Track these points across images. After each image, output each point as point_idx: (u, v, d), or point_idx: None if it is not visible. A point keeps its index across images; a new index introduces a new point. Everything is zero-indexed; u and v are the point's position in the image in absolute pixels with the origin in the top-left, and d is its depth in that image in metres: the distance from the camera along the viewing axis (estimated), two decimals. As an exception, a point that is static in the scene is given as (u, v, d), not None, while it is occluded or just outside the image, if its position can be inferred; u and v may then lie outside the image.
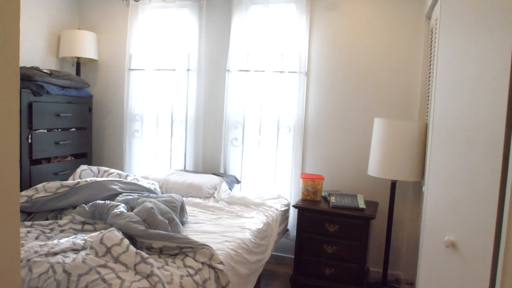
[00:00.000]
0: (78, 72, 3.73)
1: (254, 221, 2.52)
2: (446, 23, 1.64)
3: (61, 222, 2.17)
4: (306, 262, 2.83)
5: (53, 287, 1.55)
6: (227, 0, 3.35)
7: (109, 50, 3.78)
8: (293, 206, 2.90)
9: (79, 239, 1.91)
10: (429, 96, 2.56)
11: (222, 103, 3.41)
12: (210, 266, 1.83)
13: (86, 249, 1.80)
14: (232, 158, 3.40)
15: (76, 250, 1.80)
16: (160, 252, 1.88)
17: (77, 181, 2.50)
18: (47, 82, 3.05)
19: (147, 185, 2.79)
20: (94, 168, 2.95)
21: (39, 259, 1.67)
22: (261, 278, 2.66)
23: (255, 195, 3.11)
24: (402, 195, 3.04)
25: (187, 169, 3.52)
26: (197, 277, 1.73)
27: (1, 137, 0.70)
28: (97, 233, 1.94)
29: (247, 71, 3.31)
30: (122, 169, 3.69)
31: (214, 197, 2.97)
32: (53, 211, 2.35)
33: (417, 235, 2.84)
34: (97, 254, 1.72)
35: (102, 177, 2.88)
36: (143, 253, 1.74)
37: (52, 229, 2.11)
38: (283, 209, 2.94)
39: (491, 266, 0.96)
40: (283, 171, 3.30)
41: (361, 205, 2.77)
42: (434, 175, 1.64)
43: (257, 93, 3.30)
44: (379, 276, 3.07)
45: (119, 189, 2.55)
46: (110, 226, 2.02)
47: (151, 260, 1.70)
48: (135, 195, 2.47)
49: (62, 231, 2.11)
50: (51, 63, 3.60)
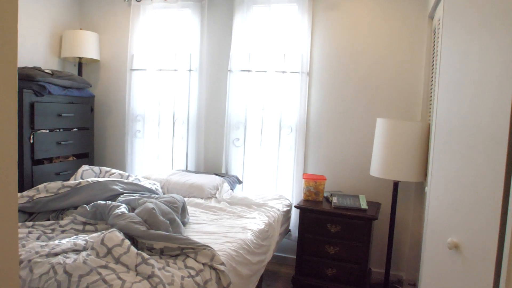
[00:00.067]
0: (80, 72, 3.73)
1: (256, 222, 2.51)
2: (449, 23, 1.63)
3: (62, 222, 2.17)
4: (308, 263, 2.82)
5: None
6: (229, 0, 3.35)
7: (111, 50, 3.79)
8: (295, 206, 2.89)
9: (80, 239, 1.91)
10: (431, 96, 2.55)
11: (224, 103, 3.41)
12: (212, 267, 1.82)
13: (87, 249, 1.80)
14: (233, 158, 3.40)
15: (77, 251, 1.80)
16: (161, 253, 1.87)
17: (78, 181, 2.50)
18: (49, 82, 3.05)
19: (149, 186, 2.79)
20: (96, 168, 2.95)
21: (40, 259, 1.66)
22: (262, 279, 2.65)
23: (257, 195, 3.10)
24: (404, 196, 3.02)
25: (188, 169, 3.51)
26: (198, 278, 1.72)
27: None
28: (98, 233, 1.94)
29: (249, 71, 3.30)
30: (124, 169, 3.69)
31: (215, 197, 2.96)
32: (54, 211, 2.35)
33: (419, 236, 2.83)
34: (98, 255, 1.72)
35: (103, 177, 2.89)
36: (144, 254, 1.73)
37: (53, 230, 2.11)
38: (285, 209, 2.93)
39: (494, 268, 0.95)
40: (285, 172, 3.29)
41: (363, 205, 2.76)
42: (437, 176, 1.63)
43: (259, 93, 3.29)
44: (381, 277, 3.06)
45: (120, 190, 2.55)
46: (111, 226, 2.01)
47: (152, 261, 1.70)
48: (136, 196, 2.47)
49: (63, 231, 2.11)
50: (53, 63, 3.61)
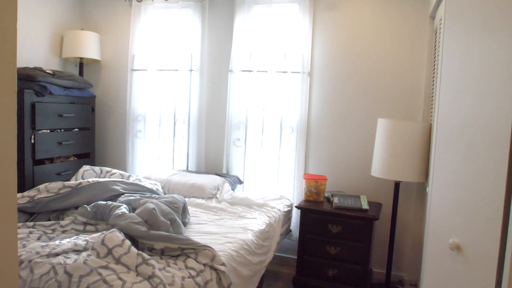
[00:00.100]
0: (81, 73, 3.74)
1: (257, 222, 2.51)
2: (450, 23, 1.63)
3: (63, 222, 2.17)
4: (309, 263, 2.82)
5: (54, 288, 1.55)
6: (229, 0, 3.34)
7: (112, 50, 3.79)
8: (296, 207, 2.89)
9: (81, 240, 1.91)
10: (433, 96, 2.54)
11: (225, 103, 3.40)
12: (212, 268, 1.82)
13: (88, 250, 1.80)
14: (234, 158, 3.39)
15: (77, 251, 1.80)
16: (162, 253, 1.87)
17: (79, 181, 2.50)
18: (50, 83, 3.06)
19: (149, 186, 2.79)
20: (97, 169, 2.95)
21: (40, 260, 1.66)
22: (263, 279, 2.65)
23: (258, 195, 3.10)
24: (405, 196, 3.02)
25: (189, 169, 3.51)
26: (198, 279, 1.72)
27: (-1, 138, 0.70)
28: (99, 234, 1.94)
29: (249, 71, 3.30)
30: (125, 169, 3.69)
31: (216, 197, 2.96)
32: (55, 211, 2.35)
33: (421, 237, 2.83)
34: (98, 255, 1.72)
35: (104, 177, 2.88)
36: (145, 254, 1.73)
37: (54, 230, 2.11)
38: (285, 209, 2.93)
39: (496, 269, 0.95)
40: (286, 172, 3.28)
41: (365, 206, 2.75)
42: (438, 176, 1.62)
43: (259, 94, 3.29)
44: (382, 278, 3.05)
45: (121, 190, 2.55)
46: (112, 227, 2.01)
47: (152, 262, 1.69)
48: (137, 196, 2.47)
49: (64, 231, 2.11)
50: (54, 64, 3.61)
